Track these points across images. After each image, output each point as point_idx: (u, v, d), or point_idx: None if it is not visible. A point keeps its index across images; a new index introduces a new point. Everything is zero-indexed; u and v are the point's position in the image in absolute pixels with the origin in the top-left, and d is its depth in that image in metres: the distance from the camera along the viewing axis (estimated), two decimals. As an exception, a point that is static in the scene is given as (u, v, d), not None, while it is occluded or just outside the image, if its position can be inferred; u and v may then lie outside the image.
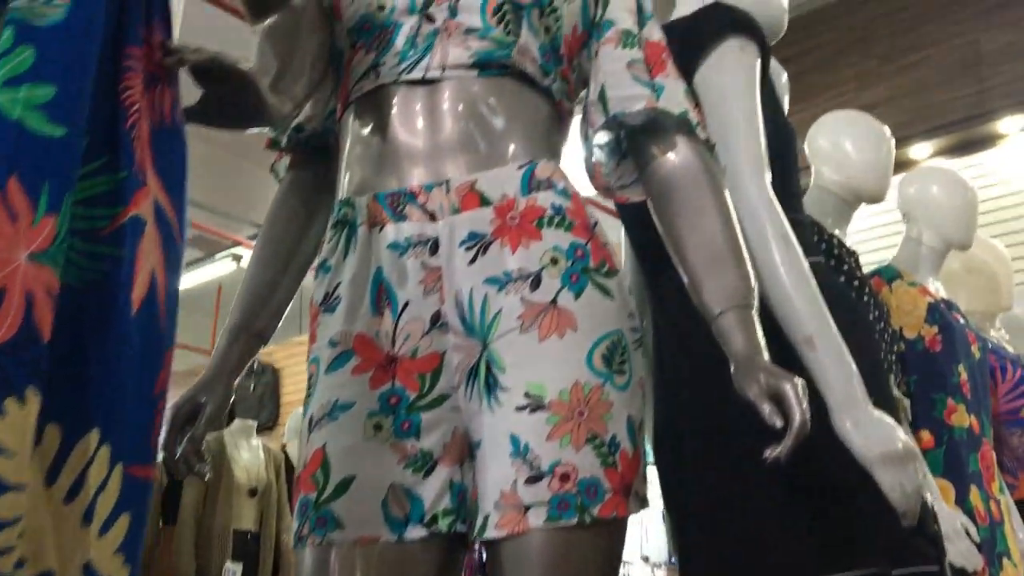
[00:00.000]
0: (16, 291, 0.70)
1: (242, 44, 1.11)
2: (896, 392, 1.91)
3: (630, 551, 4.43)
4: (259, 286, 1.26)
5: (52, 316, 0.71)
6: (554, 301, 1.03)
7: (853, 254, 1.96)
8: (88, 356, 0.76)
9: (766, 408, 0.99)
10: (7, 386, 0.69)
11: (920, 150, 3.85)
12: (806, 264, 1.23)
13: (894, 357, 1.96)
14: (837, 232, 1.98)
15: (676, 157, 1.16)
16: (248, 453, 4.05)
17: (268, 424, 6.57)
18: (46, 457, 0.75)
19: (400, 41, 1.13)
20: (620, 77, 1.17)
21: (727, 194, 1.15)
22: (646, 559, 4.89)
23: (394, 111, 1.11)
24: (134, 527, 0.79)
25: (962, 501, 1.89)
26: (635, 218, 1.42)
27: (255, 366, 6.77)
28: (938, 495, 1.79)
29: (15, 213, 0.72)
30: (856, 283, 1.88)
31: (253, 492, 3.98)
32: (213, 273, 6.57)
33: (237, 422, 4.09)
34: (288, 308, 1.31)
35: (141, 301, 0.80)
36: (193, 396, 1.18)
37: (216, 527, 3.84)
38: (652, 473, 1.23)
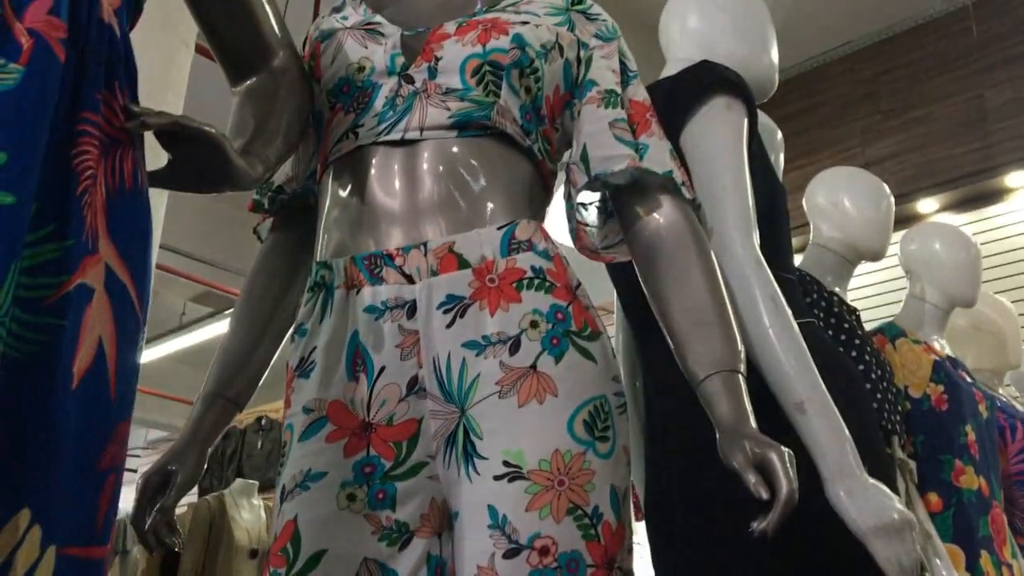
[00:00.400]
0: None
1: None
2: (901, 454, 1.87)
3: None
4: (236, 351, 1.23)
5: None
6: (534, 366, 1.00)
7: (854, 312, 1.92)
8: (25, 432, 0.73)
9: (751, 478, 0.94)
10: None
11: (927, 205, 3.83)
12: (796, 326, 1.20)
13: (899, 417, 1.91)
14: (837, 289, 1.95)
15: (661, 217, 1.13)
16: (249, 513, 4.00)
17: (275, 482, 6.50)
18: None
19: (379, 102, 1.12)
20: (602, 137, 1.15)
21: (713, 255, 1.13)
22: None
23: (372, 172, 1.09)
24: None
25: (972, 567, 1.83)
26: (623, 277, 1.39)
27: (263, 423, 6.72)
28: (947, 560, 1.73)
29: None
30: (857, 341, 1.84)
31: (254, 553, 3.92)
32: (222, 329, 6.54)
33: (239, 482, 4.05)
34: None
35: (84, 373, 0.76)
36: (164, 465, 1.13)
37: (216, 589, 3.79)
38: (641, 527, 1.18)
